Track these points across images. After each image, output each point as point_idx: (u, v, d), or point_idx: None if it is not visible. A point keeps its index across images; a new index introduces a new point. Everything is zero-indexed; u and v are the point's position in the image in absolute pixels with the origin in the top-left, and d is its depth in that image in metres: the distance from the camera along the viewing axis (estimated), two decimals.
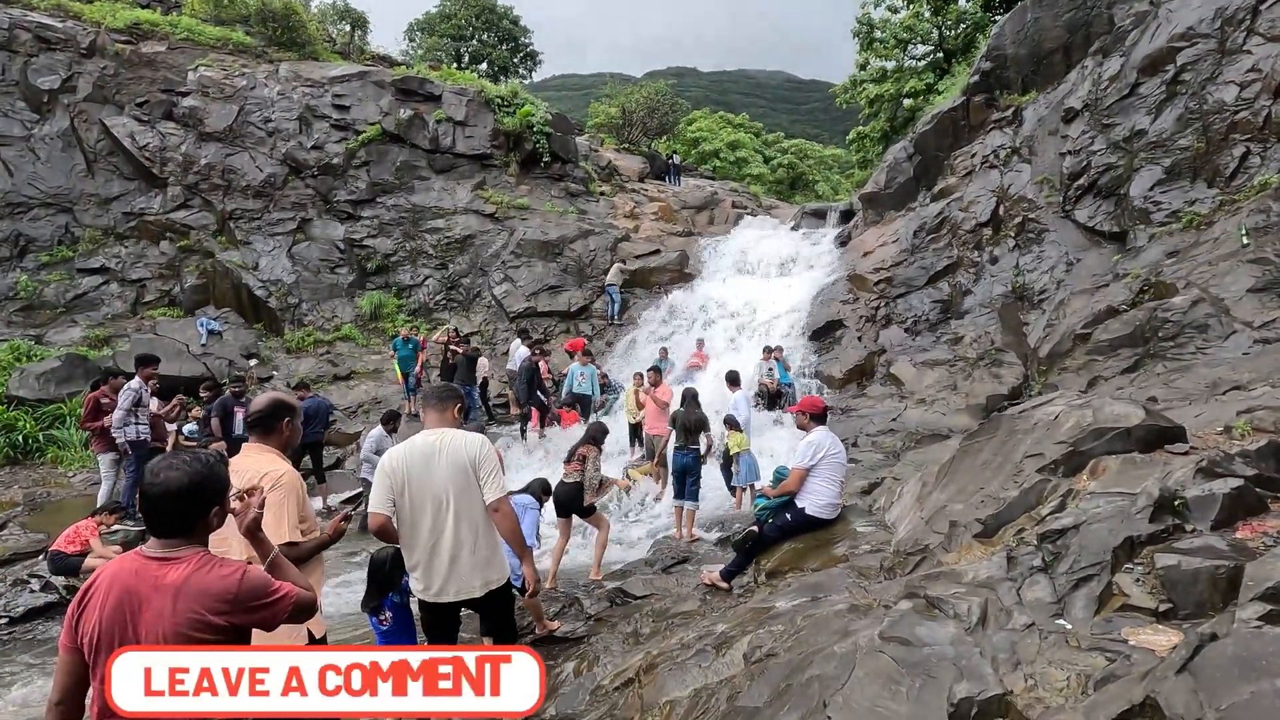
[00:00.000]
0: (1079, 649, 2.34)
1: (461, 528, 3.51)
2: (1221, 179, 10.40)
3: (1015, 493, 3.53)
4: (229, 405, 10.17)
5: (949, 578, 2.96)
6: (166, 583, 1.92)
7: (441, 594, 3.54)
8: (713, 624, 4.18)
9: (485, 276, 17.57)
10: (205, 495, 2.04)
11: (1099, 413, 3.70)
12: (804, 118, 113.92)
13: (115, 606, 1.91)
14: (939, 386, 11.85)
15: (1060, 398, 4.29)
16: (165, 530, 2.01)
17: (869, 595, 3.55)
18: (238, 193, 17.14)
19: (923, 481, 4.88)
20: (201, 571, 1.95)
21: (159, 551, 1.98)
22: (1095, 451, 3.53)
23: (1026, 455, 3.80)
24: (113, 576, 1.95)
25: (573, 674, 4.73)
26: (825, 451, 5.46)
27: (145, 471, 2.05)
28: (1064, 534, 2.88)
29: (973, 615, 2.62)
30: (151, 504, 1.99)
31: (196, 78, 17.82)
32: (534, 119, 19.16)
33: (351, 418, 13.91)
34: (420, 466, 3.53)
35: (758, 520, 5.74)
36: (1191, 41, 11.14)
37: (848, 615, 3.16)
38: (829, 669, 2.56)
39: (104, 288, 15.78)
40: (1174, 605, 2.41)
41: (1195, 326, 8.49)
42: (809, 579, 4.22)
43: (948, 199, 14.61)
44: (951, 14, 21.89)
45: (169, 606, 1.89)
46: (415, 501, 3.51)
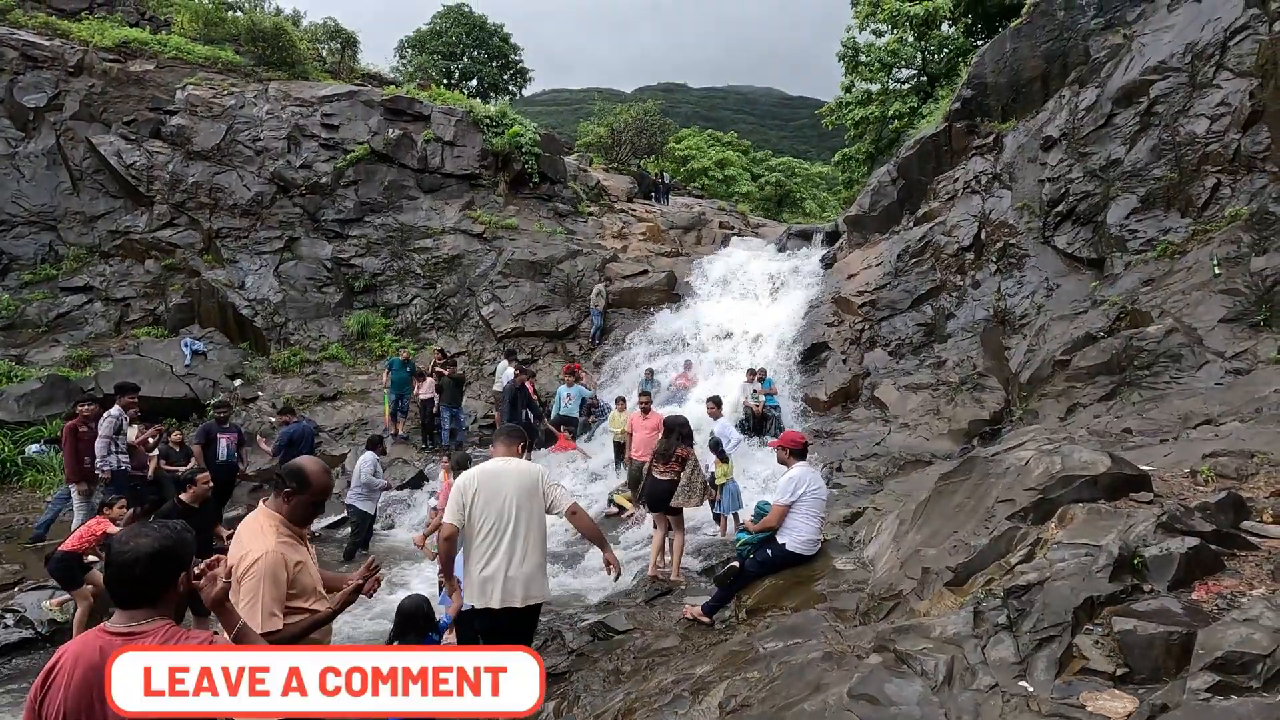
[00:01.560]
0: (1039, 714, 2.40)
1: (518, 543, 4.06)
2: (1194, 209, 10.63)
3: (985, 540, 3.60)
4: (212, 432, 10.11)
5: (918, 632, 3.02)
6: None
7: (489, 600, 4.05)
8: (692, 665, 4.21)
9: (473, 296, 17.60)
10: (172, 562, 2.01)
11: (1067, 459, 3.78)
12: (792, 134, 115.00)
13: (80, 687, 1.91)
14: (922, 410, 11.97)
15: (1031, 440, 4.39)
16: (131, 600, 1.99)
17: (844, 641, 3.60)
18: (225, 211, 17.12)
19: (900, 519, 4.95)
20: (171, 643, 1.96)
21: (124, 626, 1.98)
22: (1064, 499, 3.61)
23: (999, 500, 3.88)
24: (76, 655, 1.95)
25: (553, 713, 4.74)
26: (806, 487, 5.52)
27: (113, 542, 2.06)
28: (1029, 590, 2.94)
29: (939, 673, 2.67)
30: (119, 571, 1.97)
31: (185, 96, 17.84)
32: (522, 139, 19.28)
33: (337, 439, 13.86)
34: (490, 487, 4.13)
35: (739, 555, 5.80)
36: (1164, 74, 11.41)
37: (821, 665, 3.20)
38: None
39: (87, 307, 15.69)
40: (1130, 670, 2.47)
41: (1169, 356, 8.65)
42: (787, 620, 4.26)
43: (931, 223, 14.81)
44: (934, 39, 22.28)
45: None
46: (482, 517, 4.08)
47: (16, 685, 5.99)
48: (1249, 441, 4.82)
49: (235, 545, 2.98)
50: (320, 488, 3.13)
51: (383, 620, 7.35)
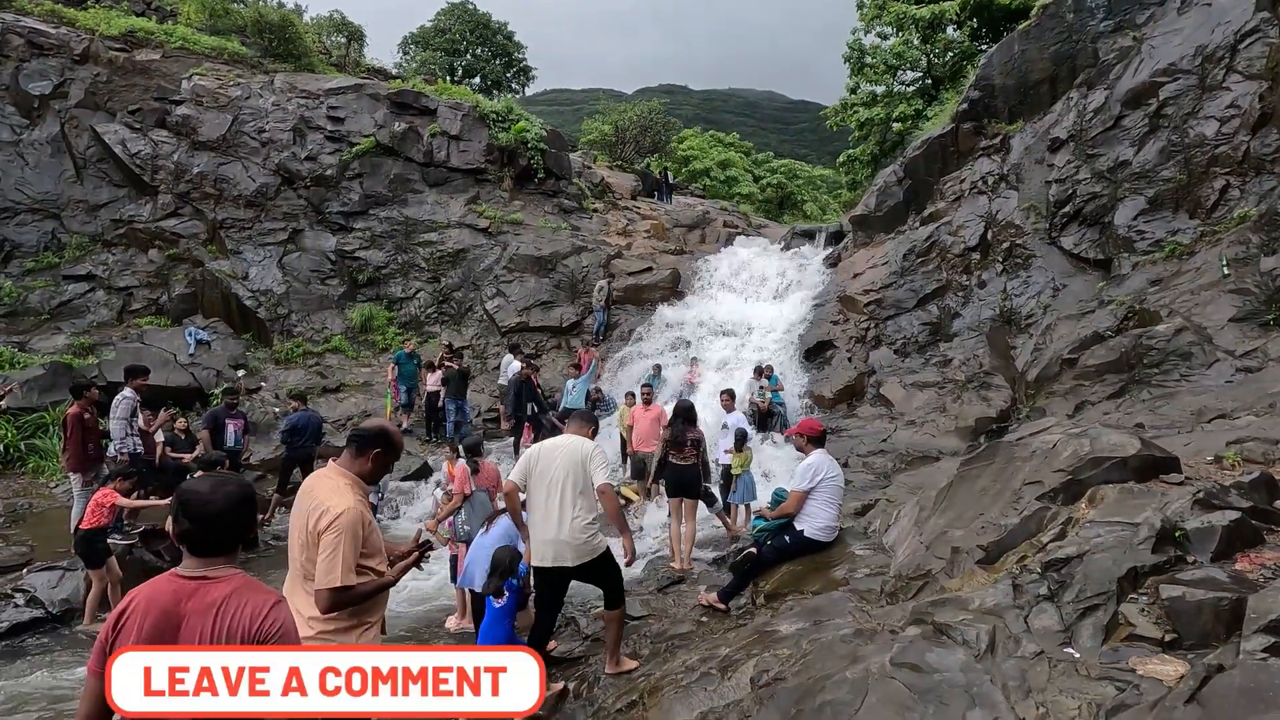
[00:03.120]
0: (1088, 678, 2.40)
1: (566, 509, 4.47)
2: (1203, 210, 10.68)
3: (1016, 520, 3.61)
4: (220, 417, 10.06)
5: (955, 604, 3.02)
6: (208, 602, 1.94)
7: (542, 560, 4.52)
8: (715, 647, 4.20)
9: (477, 291, 17.57)
10: (252, 511, 2.12)
11: (1096, 442, 3.79)
12: (793, 138, 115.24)
13: (153, 628, 1.92)
14: (928, 408, 11.99)
15: (1057, 426, 4.40)
16: (213, 547, 2.03)
17: (872, 620, 3.60)
18: (229, 202, 17.06)
19: (920, 506, 4.95)
20: (243, 593, 1.97)
21: (197, 571, 2.00)
22: (1093, 480, 3.62)
23: (1025, 483, 3.88)
24: (149, 598, 1.97)
25: (572, 695, 4.73)
26: (824, 474, 5.53)
27: (187, 491, 2.07)
28: (1068, 563, 2.95)
29: (981, 642, 2.67)
30: (206, 518, 2.00)
31: (190, 86, 17.78)
32: (528, 135, 19.28)
33: (340, 431, 13.78)
34: (546, 457, 4.63)
35: (756, 542, 5.79)
36: (1173, 77, 11.47)
37: (854, 640, 3.20)
38: (841, 694, 2.60)
39: (90, 295, 15.61)
40: (1179, 636, 2.48)
41: (1179, 354, 8.68)
42: (810, 602, 4.26)
43: (937, 223, 14.85)
44: (939, 42, 22.35)
45: (208, 626, 1.91)
46: (537, 483, 4.59)
47: (24, 661, 5.96)
48: (1270, 431, 4.84)
49: (306, 501, 3.00)
50: (400, 449, 3.35)
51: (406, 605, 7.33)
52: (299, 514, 2.99)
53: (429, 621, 7.05)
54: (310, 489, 3.08)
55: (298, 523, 2.99)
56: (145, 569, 6.90)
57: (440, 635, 6.65)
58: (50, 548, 8.20)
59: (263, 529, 9.90)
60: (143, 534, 8.00)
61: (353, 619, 2.90)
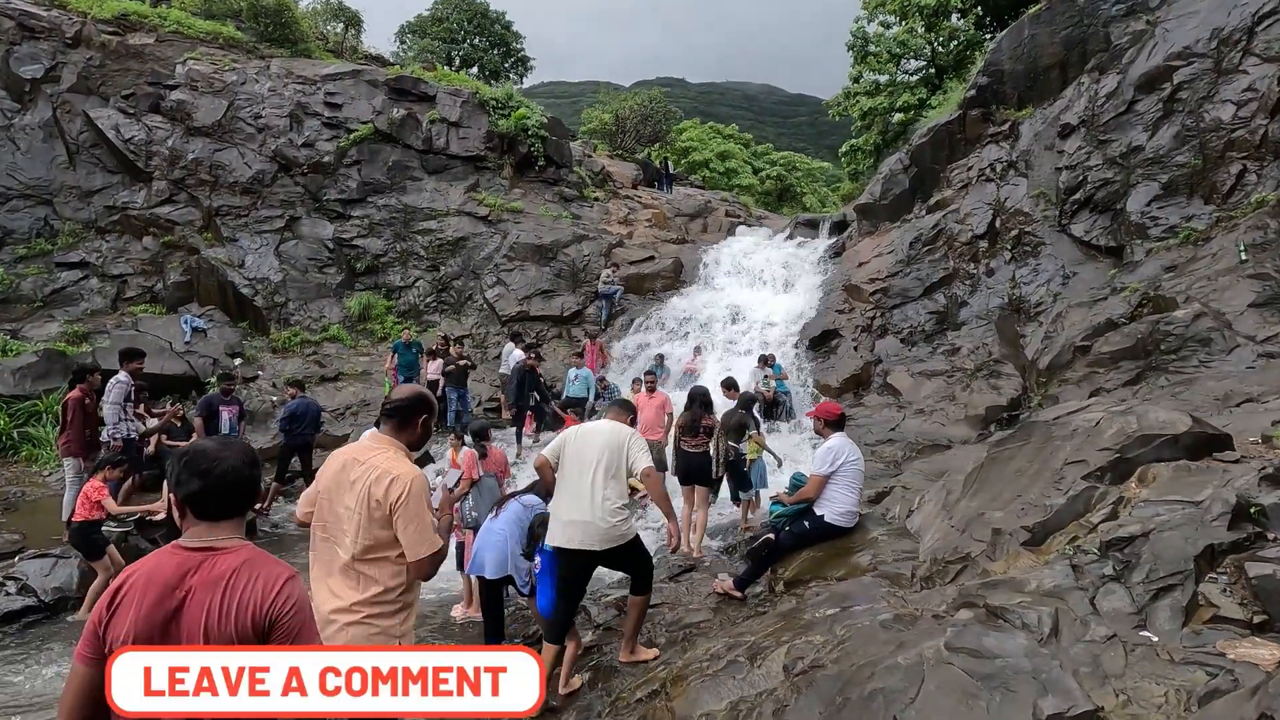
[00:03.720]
0: (1171, 662, 2.22)
1: (596, 491, 4.41)
2: (1218, 196, 10.51)
3: (1061, 500, 3.43)
4: (214, 404, 9.79)
5: (1009, 586, 2.84)
6: (215, 575, 1.75)
7: (567, 541, 4.43)
8: (740, 634, 4.02)
9: (477, 279, 17.34)
10: (258, 477, 1.96)
11: (1143, 419, 3.62)
12: (790, 131, 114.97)
13: (154, 605, 1.73)
14: (937, 397, 11.83)
15: (1096, 404, 4.22)
16: (220, 511, 1.86)
17: (909, 605, 3.42)
18: (225, 189, 16.78)
19: (947, 490, 4.77)
20: (254, 565, 1.78)
21: (203, 540, 1.81)
22: (1142, 459, 3.45)
23: (1068, 462, 3.70)
24: (149, 574, 1.77)
25: (588, 685, 4.55)
26: (845, 458, 5.34)
27: (193, 450, 1.88)
28: (1131, 542, 2.77)
29: (1044, 626, 2.49)
30: (214, 479, 1.84)
31: (185, 71, 17.48)
32: (529, 122, 19.02)
33: (339, 420, 13.60)
34: (583, 439, 4.60)
35: (773, 528, 5.61)
36: (1188, 60, 11.28)
37: (895, 625, 3.02)
38: (893, 681, 2.42)
39: (84, 283, 15.34)
40: (1269, 617, 2.31)
41: (1198, 340, 8.52)
42: (837, 588, 4.08)
43: (944, 211, 14.66)
44: (944, 30, 22.13)
45: (216, 603, 1.72)
46: (571, 464, 4.53)
47: (13, 650, 5.76)
48: None
49: (357, 471, 2.84)
50: (434, 402, 3.24)
51: None
52: (348, 487, 2.81)
53: (434, 609, 6.85)
54: (359, 460, 2.89)
55: (348, 497, 2.80)
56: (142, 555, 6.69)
57: (448, 625, 6.45)
58: (44, 535, 7.98)
59: (262, 517, 9.69)
60: (138, 522, 7.78)
61: (399, 601, 2.80)
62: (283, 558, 5.42)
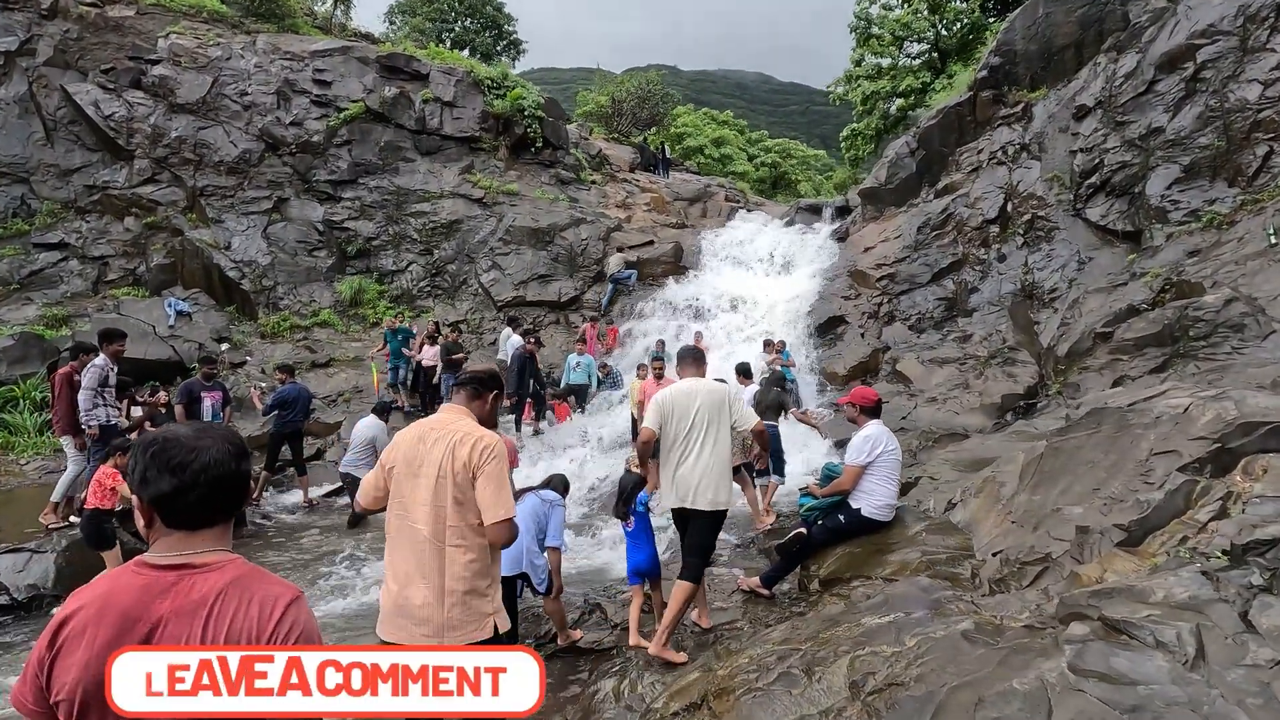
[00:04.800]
0: None
1: (705, 451, 4.45)
2: (1243, 178, 10.19)
3: (1157, 495, 3.08)
4: (195, 390, 9.27)
5: (1127, 596, 2.49)
6: (193, 600, 1.35)
7: (682, 501, 4.49)
8: (784, 639, 3.65)
9: (472, 263, 16.86)
10: (248, 473, 1.55)
11: (1242, 405, 3.27)
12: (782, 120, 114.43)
13: (111, 641, 1.32)
14: (949, 385, 11.50)
15: (1175, 389, 3.87)
16: (197, 519, 1.45)
17: (983, 610, 3.06)
18: (210, 168, 16.19)
19: (998, 481, 4.43)
20: (245, 585, 1.37)
21: (176, 556, 1.40)
22: (1247, 449, 3.10)
23: (1154, 453, 3.36)
24: (105, 598, 1.35)
25: (613, 694, 4.18)
26: (883, 447, 4.99)
27: (164, 438, 1.46)
28: (1275, 545, 2.43)
29: (1185, 645, 2.14)
30: (191, 481, 1.43)
31: (168, 46, 16.83)
32: (525, 102, 18.49)
33: (331, 406, 13.15)
34: (683, 403, 4.55)
35: (804, 522, 5.25)
36: (1212, 39, 10.93)
37: (979, 638, 2.66)
38: (1011, 710, 2.06)
39: (63, 264, 14.75)
40: None
41: (1230, 326, 8.21)
42: (891, 590, 3.72)
43: (953, 195, 14.30)
44: (949, 12, 21.72)
45: (198, 635, 1.32)
46: (676, 428, 4.53)
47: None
48: None
49: (436, 437, 2.81)
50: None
51: None
52: (427, 456, 2.76)
53: None
54: (435, 428, 2.86)
55: (428, 465, 2.74)
56: (126, 553, 6.27)
57: None
58: (19, 529, 7.51)
59: (252, 507, 9.25)
60: (121, 514, 7.34)
61: (489, 576, 2.77)
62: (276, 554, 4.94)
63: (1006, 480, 4.35)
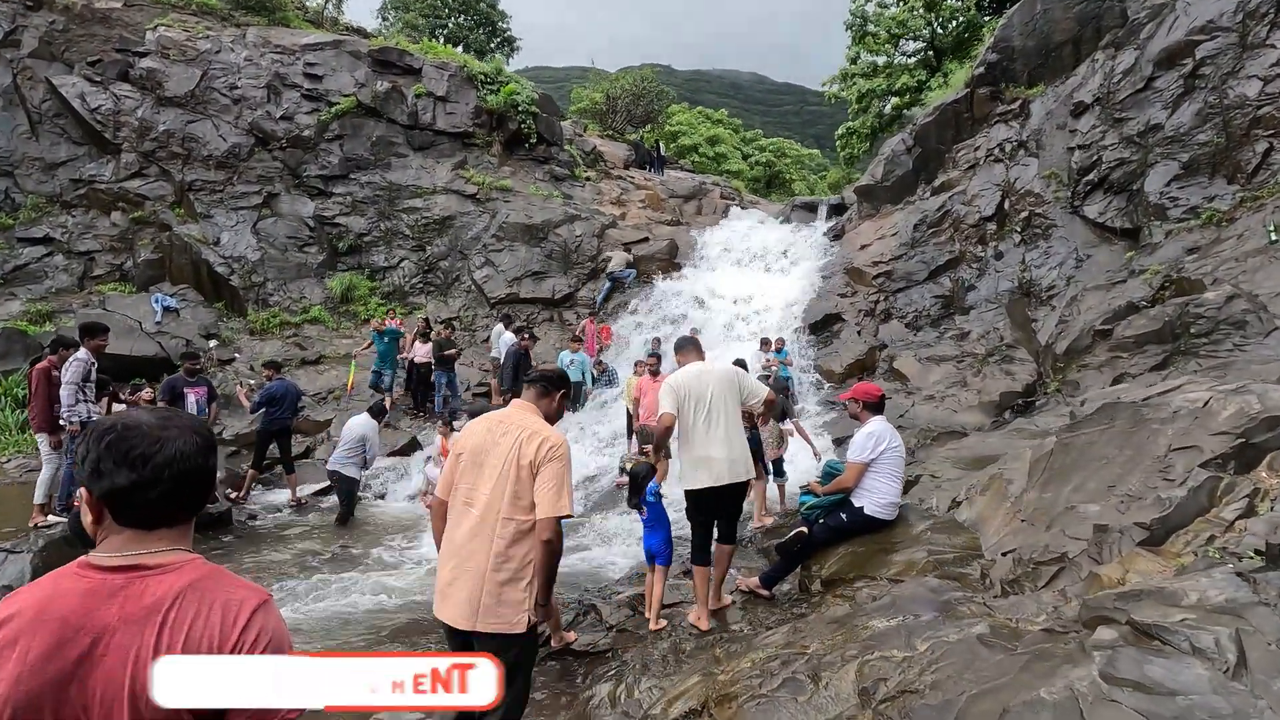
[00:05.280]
0: None
1: (726, 430, 4.63)
2: (1243, 175, 10.13)
3: (1179, 491, 2.96)
4: (178, 386, 9.03)
5: (1155, 598, 2.36)
6: (145, 605, 1.19)
7: (716, 480, 4.57)
8: (787, 643, 3.52)
9: (465, 260, 16.68)
10: (213, 468, 1.38)
11: (1265, 399, 3.15)
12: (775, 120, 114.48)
13: (48, 653, 1.15)
14: (947, 382, 11.40)
15: (1191, 383, 3.75)
16: (154, 517, 1.29)
17: (996, 613, 2.93)
18: (198, 163, 15.96)
19: (1006, 479, 4.30)
20: (205, 589, 1.22)
21: (127, 556, 1.24)
22: (1271, 444, 2.99)
23: (1173, 448, 3.24)
24: (41, 605, 1.19)
25: (608, 699, 4.03)
26: (886, 444, 4.86)
27: (121, 424, 1.30)
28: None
29: (1226, 652, 2.01)
30: (151, 475, 1.27)
31: (156, 38, 16.58)
32: (519, 98, 18.31)
33: (321, 404, 12.96)
34: (697, 386, 4.72)
35: (805, 520, 5.12)
36: (1211, 35, 10.86)
37: (995, 642, 2.53)
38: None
39: (48, 259, 14.51)
40: None
41: (1232, 323, 8.13)
42: (898, 591, 3.59)
43: (949, 192, 14.21)
44: (945, 10, 21.66)
45: (150, 645, 1.16)
46: (694, 411, 4.66)
47: None
48: None
49: (505, 430, 2.99)
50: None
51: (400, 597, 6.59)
52: (494, 447, 2.94)
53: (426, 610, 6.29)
54: (505, 422, 3.06)
55: (493, 459, 2.91)
56: None
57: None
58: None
59: (238, 506, 9.06)
60: None
61: (529, 570, 2.87)
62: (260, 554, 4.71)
63: (1014, 477, 4.23)
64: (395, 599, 6.44)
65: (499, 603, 2.77)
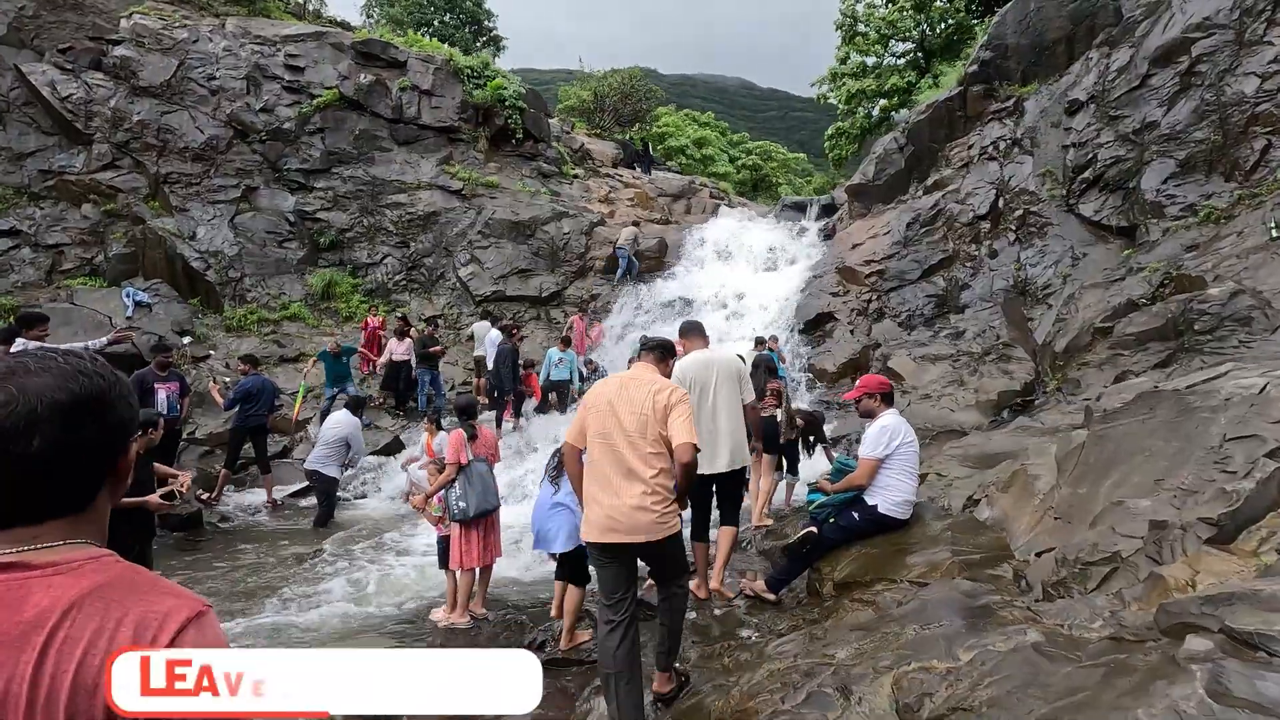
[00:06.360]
0: None
1: (721, 417, 4.77)
2: (1240, 172, 10.04)
3: (1247, 484, 2.71)
4: (147, 381, 8.53)
5: (1249, 602, 2.10)
6: (30, 616, 0.85)
7: (712, 468, 4.66)
8: (806, 651, 3.23)
9: (450, 257, 16.31)
10: (126, 426, 1.01)
11: None
12: (760, 125, 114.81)
13: None
14: (944, 381, 11.21)
15: (1242, 368, 3.52)
16: (37, 506, 0.94)
17: (1044, 618, 2.66)
18: (174, 154, 15.45)
19: (1029, 474, 4.05)
20: (110, 597, 0.89)
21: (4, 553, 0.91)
22: None
23: (1229, 438, 2.99)
24: None
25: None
26: (901, 439, 4.59)
27: None
28: None
29: None
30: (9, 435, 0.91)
31: (130, 26, 16.07)
32: (506, 92, 17.98)
33: (301, 403, 12.50)
34: (702, 374, 4.81)
35: (814, 520, 4.84)
36: (1208, 32, 10.78)
37: (1053, 652, 2.26)
38: None
39: (14, 252, 13.95)
40: None
41: (1236, 319, 7.98)
42: (927, 594, 3.31)
43: (943, 191, 14.08)
44: (935, 12, 21.63)
45: (30, 669, 0.83)
46: (698, 399, 4.66)
47: None
48: None
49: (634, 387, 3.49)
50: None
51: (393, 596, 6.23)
52: (630, 398, 3.43)
53: (413, 616, 5.94)
54: (635, 379, 3.57)
55: (630, 407, 3.41)
56: None
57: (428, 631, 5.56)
58: None
59: (209, 509, 8.64)
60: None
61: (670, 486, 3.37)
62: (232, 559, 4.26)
63: (1040, 473, 3.99)
64: (374, 604, 6.09)
65: (651, 515, 3.28)
